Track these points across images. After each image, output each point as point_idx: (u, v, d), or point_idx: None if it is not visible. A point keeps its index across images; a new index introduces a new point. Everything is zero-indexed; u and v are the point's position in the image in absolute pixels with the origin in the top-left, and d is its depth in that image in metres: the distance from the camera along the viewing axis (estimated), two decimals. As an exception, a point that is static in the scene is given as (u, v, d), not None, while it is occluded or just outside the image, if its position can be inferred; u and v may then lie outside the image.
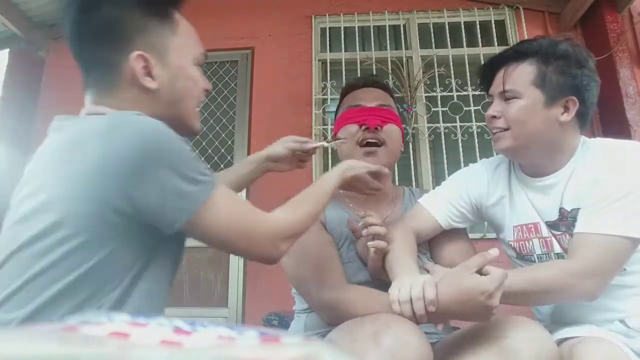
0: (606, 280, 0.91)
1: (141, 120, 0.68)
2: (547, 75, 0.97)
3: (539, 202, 1.04)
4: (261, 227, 0.75)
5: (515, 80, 1.00)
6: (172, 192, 0.66)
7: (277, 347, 0.26)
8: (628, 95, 2.50)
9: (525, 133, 0.99)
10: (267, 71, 2.90)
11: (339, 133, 1.22)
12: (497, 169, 1.14)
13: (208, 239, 0.72)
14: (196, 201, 0.68)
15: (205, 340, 0.26)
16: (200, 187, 0.69)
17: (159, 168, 0.65)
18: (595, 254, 0.90)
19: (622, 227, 0.90)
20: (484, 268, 0.82)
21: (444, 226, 1.12)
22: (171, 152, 0.67)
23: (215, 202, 0.70)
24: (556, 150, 1.01)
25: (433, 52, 2.81)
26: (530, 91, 0.98)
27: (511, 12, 2.88)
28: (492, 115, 1.03)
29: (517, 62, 1.01)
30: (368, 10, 2.94)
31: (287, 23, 2.97)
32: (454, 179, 1.18)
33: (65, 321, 0.27)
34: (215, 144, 2.83)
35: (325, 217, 1.13)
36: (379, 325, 0.77)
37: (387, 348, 0.73)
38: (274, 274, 2.47)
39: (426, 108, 2.74)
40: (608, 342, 0.89)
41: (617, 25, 2.62)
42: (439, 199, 1.13)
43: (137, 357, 0.22)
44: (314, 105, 2.77)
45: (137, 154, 0.65)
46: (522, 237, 1.08)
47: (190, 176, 0.68)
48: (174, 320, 0.29)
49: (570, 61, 0.98)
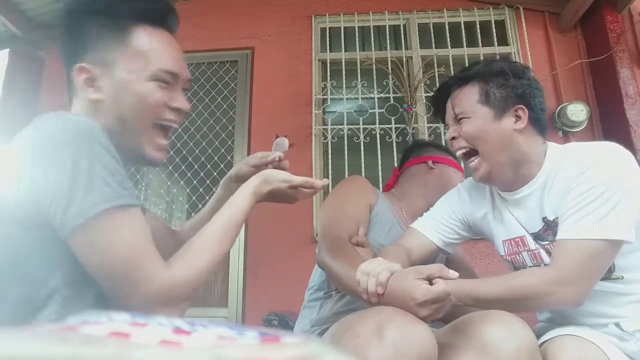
0: (589, 286, 0.90)
1: (64, 116, 0.67)
2: (490, 91, 1.03)
3: (520, 215, 1.06)
4: (152, 278, 0.63)
5: (462, 102, 1.06)
6: (67, 192, 0.60)
7: (277, 347, 0.26)
8: (628, 95, 2.50)
9: (490, 150, 1.02)
10: (267, 71, 2.90)
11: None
12: (475, 188, 1.18)
13: (85, 262, 0.62)
14: (89, 209, 0.60)
15: (205, 340, 0.26)
16: (99, 196, 0.61)
17: (61, 163, 0.60)
18: (573, 260, 0.89)
19: (596, 230, 0.88)
20: (436, 280, 0.83)
21: (437, 244, 1.15)
22: (80, 151, 0.61)
23: (112, 222, 0.61)
24: (522, 161, 1.03)
25: (433, 52, 2.81)
26: (477, 109, 1.04)
27: (511, 12, 2.88)
28: (452, 137, 1.08)
29: (460, 87, 1.08)
30: (368, 10, 2.93)
31: (287, 23, 2.97)
32: (440, 202, 1.22)
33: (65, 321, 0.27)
34: (215, 144, 2.83)
35: (377, 199, 1.28)
36: (383, 319, 0.77)
37: (390, 342, 0.73)
38: (274, 274, 2.48)
39: (426, 108, 2.74)
40: (583, 339, 0.89)
41: (617, 25, 2.62)
42: (428, 220, 1.18)
43: (137, 357, 0.22)
44: (314, 105, 2.77)
45: (42, 145, 0.62)
46: (512, 251, 1.09)
47: (92, 182, 0.61)
48: (174, 320, 0.29)
49: (508, 75, 1.04)
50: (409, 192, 1.36)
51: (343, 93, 2.80)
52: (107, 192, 0.61)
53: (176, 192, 3.03)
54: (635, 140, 2.41)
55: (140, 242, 0.64)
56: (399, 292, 0.82)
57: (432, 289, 0.80)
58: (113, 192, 0.62)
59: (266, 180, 0.86)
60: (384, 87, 2.80)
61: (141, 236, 0.65)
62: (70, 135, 0.63)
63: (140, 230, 0.65)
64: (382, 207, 1.28)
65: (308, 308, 1.23)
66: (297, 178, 0.88)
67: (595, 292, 0.93)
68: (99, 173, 0.61)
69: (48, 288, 0.61)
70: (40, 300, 0.61)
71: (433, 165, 1.35)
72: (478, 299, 0.91)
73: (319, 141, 2.72)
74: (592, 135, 2.62)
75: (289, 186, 0.87)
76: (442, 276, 0.83)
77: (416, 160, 1.39)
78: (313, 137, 2.70)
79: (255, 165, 1.00)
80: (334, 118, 2.78)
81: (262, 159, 1.00)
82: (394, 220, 1.29)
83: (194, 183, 2.81)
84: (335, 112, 2.81)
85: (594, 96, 2.69)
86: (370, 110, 2.76)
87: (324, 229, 1.16)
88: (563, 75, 2.71)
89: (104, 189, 0.61)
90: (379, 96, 2.77)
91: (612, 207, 0.88)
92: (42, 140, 0.63)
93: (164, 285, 0.63)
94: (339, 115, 2.80)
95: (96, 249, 0.61)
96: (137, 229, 0.64)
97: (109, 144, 0.65)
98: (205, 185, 2.82)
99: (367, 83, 2.81)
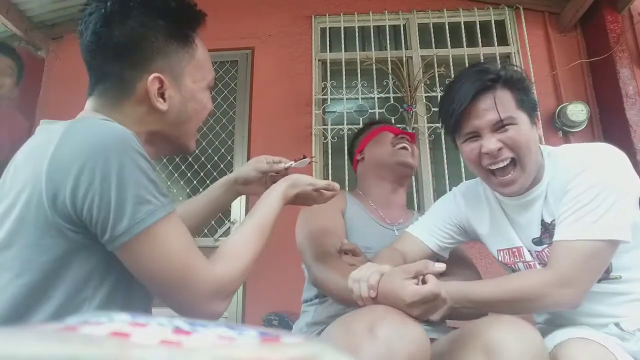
0: (586, 287, 0.89)
1: (103, 124, 0.66)
2: (520, 96, 0.98)
3: (521, 220, 1.04)
4: (203, 279, 0.67)
5: (505, 107, 0.96)
6: (115, 206, 0.61)
7: (277, 347, 0.26)
8: (628, 95, 2.50)
9: (530, 160, 0.96)
10: (267, 71, 2.90)
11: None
12: (469, 194, 1.16)
13: (138, 270, 0.65)
14: (138, 223, 0.62)
15: (205, 340, 0.26)
16: (147, 208, 0.63)
17: (105, 175, 0.61)
18: (570, 261, 0.88)
19: (592, 230, 0.88)
20: (427, 276, 0.81)
21: (432, 248, 1.15)
22: (122, 162, 0.62)
23: (161, 231, 0.64)
24: (538, 168, 1.02)
25: (433, 52, 2.81)
26: (519, 115, 0.97)
27: (511, 12, 2.88)
28: (498, 148, 0.95)
29: (491, 91, 0.97)
30: (368, 10, 2.93)
31: (287, 23, 2.97)
32: (434, 208, 1.22)
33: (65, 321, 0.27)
34: (215, 144, 2.83)
35: (346, 204, 1.29)
36: (375, 318, 0.76)
37: (382, 340, 0.72)
38: (274, 274, 2.48)
39: (426, 108, 2.74)
40: (594, 342, 0.88)
41: (617, 25, 2.62)
42: (423, 225, 1.18)
43: (137, 357, 0.22)
44: (314, 105, 2.77)
45: (83, 156, 0.61)
46: (508, 261, 1.09)
47: (138, 193, 0.62)
48: (174, 320, 0.29)
49: (525, 80, 1.01)
50: (366, 188, 1.41)
51: (343, 93, 2.80)
52: (155, 204, 0.64)
53: (176, 192, 3.03)
54: (635, 140, 2.41)
55: (189, 246, 0.68)
56: (389, 294, 0.81)
57: (419, 291, 0.78)
58: (159, 203, 0.64)
59: (294, 184, 0.92)
60: (384, 87, 2.80)
61: (188, 240, 0.68)
62: (113, 145, 0.63)
63: (185, 234, 0.69)
64: (353, 209, 1.30)
65: (305, 313, 1.25)
66: (321, 182, 0.96)
67: (593, 293, 0.93)
68: (143, 183, 0.63)
69: (85, 293, 0.64)
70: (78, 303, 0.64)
71: (361, 156, 1.42)
72: (475, 300, 0.91)
73: (319, 141, 2.72)
74: (592, 136, 2.61)
75: (314, 189, 0.94)
76: (428, 272, 0.82)
77: (353, 164, 1.48)
78: (313, 137, 2.70)
79: (264, 171, 1.04)
80: (334, 118, 2.78)
81: (273, 166, 1.04)
82: (368, 218, 1.30)
83: (194, 183, 2.81)
84: (335, 112, 2.81)
85: (594, 96, 2.69)
86: (370, 110, 2.76)
87: (308, 247, 1.14)
88: (563, 75, 2.71)
89: (151, 201, 0.63)
90: (379, 96, 2.77)
91: (608, 208, 0.88)
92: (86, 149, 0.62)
93: (213, 285, 0.67)
94: (339, 115, 2.80)
95: (150, 258, 0.63)
96: (183, 233, 0.68)
97: (143, 150, 0.67)
98: (205, 185, 2.82)
99: (367, 83, 2.81)
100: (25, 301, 0.61)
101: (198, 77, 0.81)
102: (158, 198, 0.65)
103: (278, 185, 0.92)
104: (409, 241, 1.15)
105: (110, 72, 0.76)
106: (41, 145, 0.65)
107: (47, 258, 0.62)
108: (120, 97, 0.76)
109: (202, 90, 0.83)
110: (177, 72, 0.78)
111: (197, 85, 0.81)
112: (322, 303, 1.18)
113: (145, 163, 0.65)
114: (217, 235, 2.59)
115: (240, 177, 1.05)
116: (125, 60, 0.75)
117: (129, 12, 0.74)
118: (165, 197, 0.67)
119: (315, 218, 1.20)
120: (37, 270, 0.62)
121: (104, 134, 0.64)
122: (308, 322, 1.18)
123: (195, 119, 0.83)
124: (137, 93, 0.75)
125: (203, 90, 0.83)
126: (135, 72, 0.75)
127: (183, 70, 0.79)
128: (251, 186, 1.06)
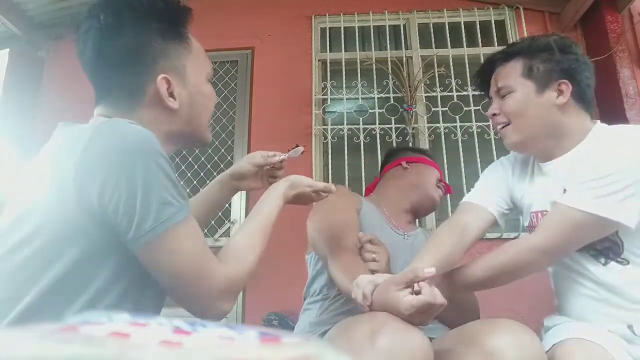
0: (560, 254, 0.96)
1: (129, 126, 0.68)
2: (534, 66, 1.04)
3: (547, 187, 1.06)
4: (217, 278, 0.70)
5: (506, 76, 1.07)
6: (140, 206, 0.63)
7: (277, 347, 0.26)
8: (628, 95, 2.50)
9: (525, 123, 1.04)
10: (267, 71, 2.90)
11: None
12: (520, 159, 1.17)
13: (157, 269, 0.68)
14: (162, 224, 0.64)
15: (205, 340, 0.26)
16: (170, 210, 0.65)
17: (132, 176, 0.63)
18: (556, 223, 0.93)
19: (586, 203, 0.89)
20: (420, 284, 0.80)
21: (494, 214, 1.11)
22: (148, 165, 0.65)
23: (180, 232, 0.67)
24: (561, 134, 1.03)
25: (433, 52, 2.81)
26: (520, 83, 1.05)
27: (511, 12, 2.88)
28: (493, 112, 1.10)
29: (504, 62, 1.09)
30: (368, 10, 2.93)
31: (287, 23, 2.97)
32: (486, 175, 1.21)
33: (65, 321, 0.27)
34: (216, 144, 2.83)
35: (361, 204, 1.29)
36: (376, 324, 0.76)
37: (383, 348, 0.72)
38: (274, 274, 2.47)
39: (426, 108, 2.74)
40: (591, 343, 0.87)
41: (617, 25, 2.62)
42: (480, 192, 1.15)
43: (137, 357, 0.22)
44: (314, 105, 2.77)
45: (112, 157, 0.63)
46: (535, 224, 1.07)
47: (162, 195, 0.65)
48: (174, 320, 0.29)
49: (553, 50, 1.04)
50: (388, 194, 1.39)
51: (343, 93, 2.80)
52: (177, 206, 0.67)
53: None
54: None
55: (204, 247, 0.71)
56: (386, 304, 0.80)
57: (414, 303, 0.76)
58: (180, 205, 0.67)
59: (293, 184, 0.95)
60: (384, 87, 2.80)
61: (202, 241, 0.72)
62: (140, 147, 0.65)
63: (200, 235, 0.72)
64: (367, 209, 1.31)
65: (307, 311, 1.23)
66: (319, 183, 0.99)
67: (608, 285, 0.94)
68: (167, 185, 0.66)
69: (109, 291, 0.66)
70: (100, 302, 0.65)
71: (407, 165, 1.40)
72: (471, 284, 0.96)
73: (319, 141, 2.72)
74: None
75: (312, 190, 0.98)
76: (419, 279, 0.80)
77: (391, 164, 1.44)
78: (313, 137, 2.70)
79: (260, 165, 1.06)
80: (334, 118, 2.78)
81: (268, 159, 1.05)
82: (382, 220, 1.31)
83: (194, 183, 2.81)
84: (335, 112, 2.81)
85: (594, 96, 2.69)
86: (370, 110, 2.76)
87: (325, 240, 1.14)
88: (563, 75, 2.70)
89: (173, 203, 0.66)
90: (379, 96, 2.77)
91: (619, 190, 0.88)
92: (115, 150, 0.64)
93: (224, 284, 0.71)
94: (339, 115, 2.80)
95: (170, 257, 0.66)
96: (199, 234, 0.72)
97: (164, 151, 0.69)
98: (205, 185, 2.82)
99: (367, 83, 2.81)
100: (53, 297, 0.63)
101: (199, 70, 0.84)
102: (179, 200, 0.67)
103: (278, 185, 0.95)
104: (470, 211, 1.11)
105: (117, 83, 0.77)
106: (68, 145, 0.67)
107: (69, 255, 0.64)
108: (132, 104, 0.78)
109: (204, 82, 0.86)
110: (180, 69, 0.81)
111: (200, 79, 0.84)
112: (326, 299, 1.17)
113: (167, 165, 0.68)
114: (217, 235, 2.59)
115: (236, 173, 1.06)
116: (130, 68, 0.77)
117: (123, 22, 0.75)
118: (184, 199, 0.69)
119: (332, 211, 1.20)
120: (60, 266, 0.63)
121: (132, 136, 0.66)
122: (311, 322, 1.16)
123: (205, 111, 0.86)
124: (147, 97, 0.78)
125: (205, 83, 0.86)
126: (142, 77, 0.77)
127: (185, 66, 0.81)
128: (247, 181, 1.07)
